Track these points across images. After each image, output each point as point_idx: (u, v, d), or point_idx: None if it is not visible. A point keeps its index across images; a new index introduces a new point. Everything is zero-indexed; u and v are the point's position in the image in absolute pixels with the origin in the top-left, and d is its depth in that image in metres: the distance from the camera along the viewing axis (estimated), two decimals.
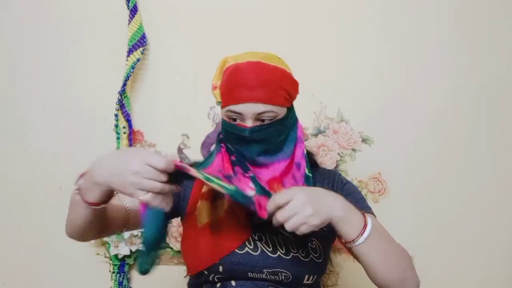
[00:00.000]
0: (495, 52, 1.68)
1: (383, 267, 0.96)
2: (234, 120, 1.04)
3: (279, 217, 0.89)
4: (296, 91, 1.09)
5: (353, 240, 0.93)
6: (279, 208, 0.89)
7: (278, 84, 1.03)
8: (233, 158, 1.06)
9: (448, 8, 1.68)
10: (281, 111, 1.04)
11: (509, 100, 1.69)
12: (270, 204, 0.90)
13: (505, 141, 1.68)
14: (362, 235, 0.93)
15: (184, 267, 1.61)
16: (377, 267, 0.96)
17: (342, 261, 1.63)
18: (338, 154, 1.66)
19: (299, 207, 0.88)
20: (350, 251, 0.98)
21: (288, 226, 0.88)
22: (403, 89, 1.67)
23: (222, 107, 1.07)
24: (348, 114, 1.66)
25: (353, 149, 1.66)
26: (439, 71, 1.67)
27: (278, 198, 0.89)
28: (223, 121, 1.08)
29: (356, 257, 0.98)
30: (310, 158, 1.15)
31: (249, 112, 1.02)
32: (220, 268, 1.02)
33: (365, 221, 0.95)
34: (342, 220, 0.92)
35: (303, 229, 0.89)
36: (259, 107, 1.01)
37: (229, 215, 1.05)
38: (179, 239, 1.62)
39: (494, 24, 1.68)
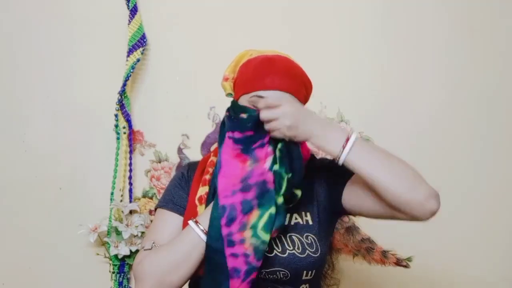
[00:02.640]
0: (494, 52, 1.68)
1: (386, 177, 0.96)
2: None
3: (263, 116, 0.99)
4: (311, 92, 1.13)
5: (338, 156, 0.97)
6: (267, 107, 0.98)
7: (302, 81, 1.08)
8: (237, 136, 1.03)
9: (448, 7, 1.68)
10: None
11: (509, 99, 1.69)
12: (262, 101, 1.00)
13: (505, 140, 1.68)
14: (344, 148, 0.97)
15: None
16: (380, 178, 0.96)
17: (342, 261, 1.63)
18: None
19: (282, 115, 0.97)
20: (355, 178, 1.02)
21: (266, 126, 0.99)
22: (403, 89, 1.67)
23: (243, 93, 1.06)
24: (348, 114, 1.66)
25: None
26: (439, 71, 1.68)
27: (271, 100, 0.99)
28: (243, 107, 1.05)
29: (355, 171, 0.99)
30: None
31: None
32: None
33: (348, 136, 0.98)
34: (320, 137, 0.98)
35: (275, 134, 0.99)
36: None
37: None
38: None
39: (493, 24, 1.68)
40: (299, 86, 1.07)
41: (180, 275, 1.00)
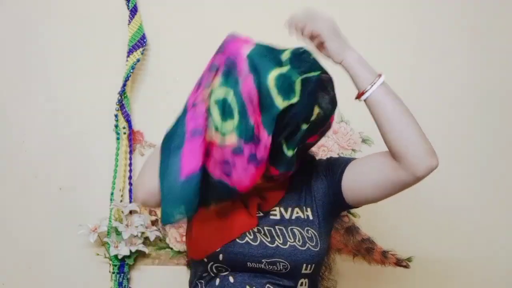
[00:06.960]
0: (494, 51, 1.68)
1: (405, 119, 1.02)
2: None
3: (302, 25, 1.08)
4: None
5: (372, 82, 1.02)
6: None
7: None
8: None
9: (449, 7, 1.68)
10: None
11: (510, 99, 1.69)
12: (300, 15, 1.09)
13: (506, 140, 1.68)
14: (379, 77, 1.02)
15: (184, 268, 1.62)
16: (399, 119, 1.02)
17: (341, 262, 1.63)
18: (338, 154, 1.66)
19: (322, 25, 1.08)
20: (368, 106, 1.06)
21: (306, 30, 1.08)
22: (402, 89, 1.65)
23: None
24: (348, 115, 1.66)
25: (353, 150, 1.67)
26: (439, 71, 1.68)
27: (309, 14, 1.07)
28: None
29: (372, 112, 1.05)
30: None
31: None
32: (220, 257, 1.05)
33: (380, 73, 1.03)
34: (357, 61, 1.04)
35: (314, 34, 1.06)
36: None
37: (236, 204, 1.07)
38: (179, 239, 1.63)
39: (493, 24, 1.68)
40: None
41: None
